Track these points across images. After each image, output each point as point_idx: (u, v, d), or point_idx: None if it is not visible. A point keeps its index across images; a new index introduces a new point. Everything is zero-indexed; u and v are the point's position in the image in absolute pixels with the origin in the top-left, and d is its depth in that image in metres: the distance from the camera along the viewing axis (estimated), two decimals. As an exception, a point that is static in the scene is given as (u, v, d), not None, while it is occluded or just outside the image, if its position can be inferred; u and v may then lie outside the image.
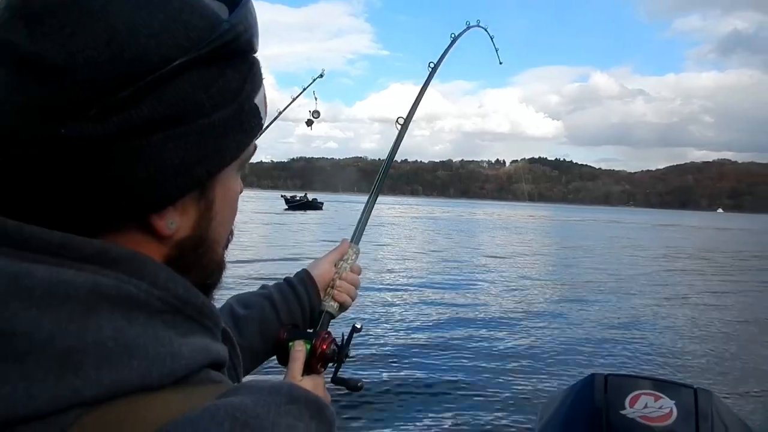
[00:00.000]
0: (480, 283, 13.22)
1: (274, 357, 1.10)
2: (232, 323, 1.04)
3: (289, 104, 4.10)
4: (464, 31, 1.79)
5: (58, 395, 0.43)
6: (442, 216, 59.53)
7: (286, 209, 55.68)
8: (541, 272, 16.22)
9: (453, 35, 1.75)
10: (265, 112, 0.60)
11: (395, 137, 1.46)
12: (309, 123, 4.32)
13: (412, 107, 1.52)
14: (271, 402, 0.46)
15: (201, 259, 0.59)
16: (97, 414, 0.43)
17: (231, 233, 0.66)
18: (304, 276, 1.15)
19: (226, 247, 0.66)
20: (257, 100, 0.57)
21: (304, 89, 4.00)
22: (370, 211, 1.35)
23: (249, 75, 0.56)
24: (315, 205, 59.45)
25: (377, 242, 20.01)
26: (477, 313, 9.83)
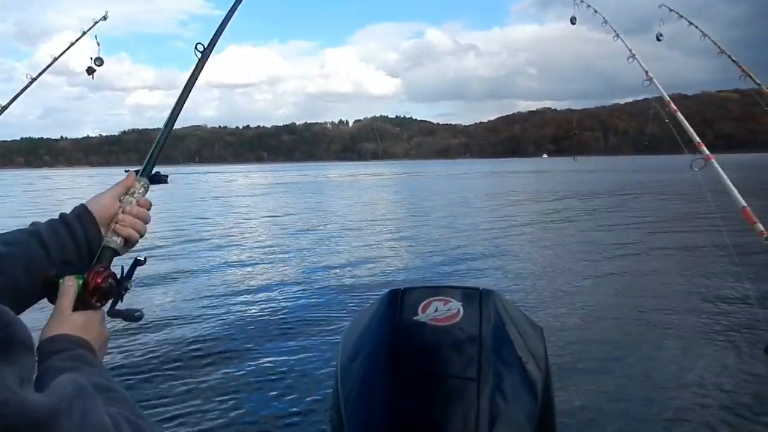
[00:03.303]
0: (318, 232, 13.42)
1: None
2: None
3: (67, 48, 3.65)
4: None
5: None
6: (286, 181, 59.01)
7: None
8: (376, 219, 16.99)
9: None
10: None
11: (194, 65, 1.41)
12: (90, 71, 3.90)
13: (216, 33, 1.49)
14: None
15: None
16: None
17: None
18: (81, 210, 1.09)
19: None
20: None
21: (84, 33, 3.60)
22: (165, 141, 1.32)
23: None
24: (160, 179, 55.54)
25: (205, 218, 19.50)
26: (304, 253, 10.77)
